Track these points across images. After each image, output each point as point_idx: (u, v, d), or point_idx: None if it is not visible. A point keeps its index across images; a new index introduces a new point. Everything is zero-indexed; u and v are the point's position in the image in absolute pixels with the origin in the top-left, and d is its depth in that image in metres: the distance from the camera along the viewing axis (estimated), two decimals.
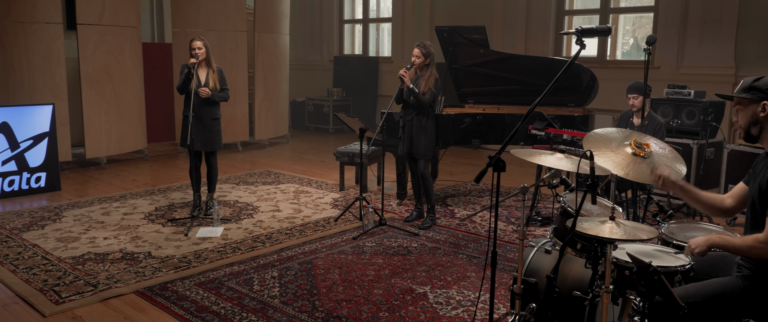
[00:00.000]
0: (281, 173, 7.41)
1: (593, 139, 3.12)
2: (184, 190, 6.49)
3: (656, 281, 1.97)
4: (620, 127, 5.06)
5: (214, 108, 5.40)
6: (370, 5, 11.30)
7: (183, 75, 5.23)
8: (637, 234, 2.30)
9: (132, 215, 5.49)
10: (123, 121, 7.79)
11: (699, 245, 2.36)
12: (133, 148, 8.06)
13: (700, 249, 2.35)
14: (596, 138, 3.11)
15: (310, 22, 11.94)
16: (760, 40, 7.11)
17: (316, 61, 12.03)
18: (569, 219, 2.88)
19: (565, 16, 8.76)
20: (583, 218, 2.53)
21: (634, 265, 2.20)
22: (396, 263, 4.33)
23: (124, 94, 7.78)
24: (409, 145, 5.18)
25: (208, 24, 8.52)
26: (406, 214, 5.60)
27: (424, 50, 5.04)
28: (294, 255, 4.47)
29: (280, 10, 9.49)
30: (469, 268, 4.24)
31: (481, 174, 2.36)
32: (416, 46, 5.07)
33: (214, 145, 5.44)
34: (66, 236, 4.87)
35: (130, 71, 7.88)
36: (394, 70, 10.61)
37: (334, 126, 11.07)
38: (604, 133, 3.16)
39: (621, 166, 2.75)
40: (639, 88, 4.85)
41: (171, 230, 5.05)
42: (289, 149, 9.36)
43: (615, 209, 2.40)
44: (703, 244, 2.34)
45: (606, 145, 3.03)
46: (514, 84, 6.50)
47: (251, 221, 5.36)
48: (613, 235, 2.29)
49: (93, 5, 7.28)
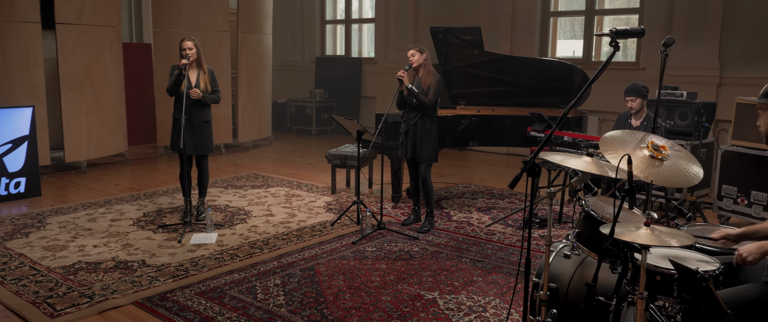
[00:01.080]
0: (269, 176, 7.26)
1: (609, 141, 3.08)
2: (171, 194, 6.31)
3: (704, 287, 1.93)
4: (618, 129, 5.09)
5: (205, 110, 5.25)
6: (353, 5, 11.20)
7: (173, 76, 5.07)
8: (675, 240, 2.26)
9: (120, 222, 5.30)
10: (103, 123, 7.56)
11: (751, 252, 2.31)
12: (114, 151, 7.82)
13: (754, 256, 2.29)
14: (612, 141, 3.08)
15: (292, 22, 11.79)
16: (743, 42, 7.22)
17: (298, 62, 11.88)
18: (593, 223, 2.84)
19: (550, 18, 8.79)
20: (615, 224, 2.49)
21: (677, 271, 2.16)
22: (400, 268, 4.25)
23: (104, 96, 7.55)
24: (412, 149, 5.09)
25: (191, 24, 8.33)
26: (403, 217, 5.52)
27: (418, 48, 4.96)
28: (294, 261, 4.36)
29: (264, 10, 9.33)
30: (474, 272, 4.18)
31: (516, 180, 2.29)
32: (411, 47, 4.98)
33: (206, 149, 5.29)
34: (53, 244, 4.67)
35: (111, 72, 7.65)
36: (378, 70, 10.55)
37: (317, 127, 10.94)
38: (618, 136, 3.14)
39: (639, 169, 2.72)
40: (637, 90, 4.87)
41: (163, 237, 4.88)
42: (272, 152, 9.21)
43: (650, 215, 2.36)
44: (756, 251, 2.29)
45: (622, 147, 3.00)
46: (507, 85, 6.48)
47: (245, 226, 5.22)
48: (649, 241, 2.25)
49: (72, 4, 7.04)
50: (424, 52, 5.02)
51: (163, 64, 8.38)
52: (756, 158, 5.10)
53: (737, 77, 7.25)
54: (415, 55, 4.95)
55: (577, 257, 3.03)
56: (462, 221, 5.43)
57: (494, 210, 5.83)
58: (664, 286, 2.43)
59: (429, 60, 5.06)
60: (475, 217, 5.58)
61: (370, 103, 10.83)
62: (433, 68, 5.06)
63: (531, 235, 2.60)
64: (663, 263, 2.51)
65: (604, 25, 8.56)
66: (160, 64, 8.43)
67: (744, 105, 5.29)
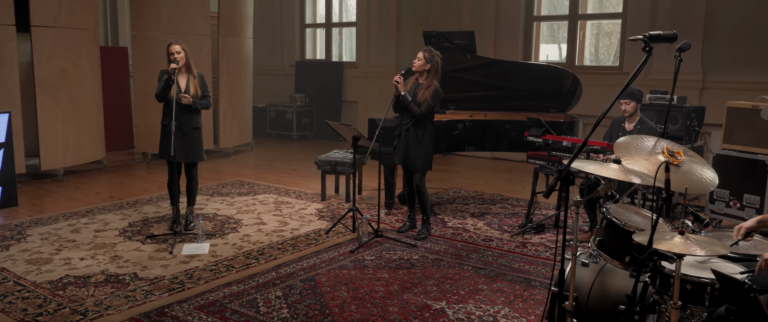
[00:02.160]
0: (255, 183, 7.10)
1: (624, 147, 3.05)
2: (155, 203, 6.11)
3: (752, 298, 1.89)
4: (612, 133, 5.09)
5: (195, 116, 5.09)
6: (333, 9, 11.08)
7: (162, 81, 4.90)
8: (711, 248, 2.22)
9: (105, 232, 5.09)
10: (81, 130, 7.30)
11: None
12: (92, 158, 7.56)
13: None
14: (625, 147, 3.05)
15: (270, 26, 11.61)
16: (725, 47, 7.33)
17: (277, 66, 11.70)
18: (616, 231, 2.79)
19: (533, 22, 8.82)
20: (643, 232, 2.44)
21: (721, 282, 2.11)
22: (402, 277, 4.16)
23: (81, 101, 7.29)
24: (404, 156, 5.00)
25: (170, 27, 8.12)
26: (398, 224, 5.43)
27: (428, 55, 4.83)
28: (293, 272, 4.23)
29: (245, 13, 9.16)
30: (478, 280, 4.11)
31: (551, 189, 2.22)
32: (423, 50, 4.85)
33: (196, 156, 5.12)
34: (36, 257, 4.45)
35: (88, 77, 7.39)
36: (360, 75, 10.46)
37: (298, 133, 10.78)
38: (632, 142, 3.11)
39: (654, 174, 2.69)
40: (631, 93, 4.86)
41: (152, 248, 4.70)
42: (254, 157, 9.03)
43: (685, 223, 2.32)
44: None
45: (637, 153, 2.97)
46: (496, 90, 6.46)
47: (237, 235, 5.07)
48: (684, 250, 2.20)
49: (48, 6, 6.78)
50: (431, 61, 4.79)
51: (142, 68, 8.16)
52: (748, 162, 5.15)
53: (720, 81, 7.36)
54: (419, 60, 4.82)
55: (596, 265, 2.98)
56: (458, 228, 5.37)
57: (488, 216, 5.78)
58: (695, 295, 2.39)
59: (437, 69, 4.84)
60: (470, 223, 5.52)
61: (352, 108, 10.72)
62: (436, 83, 4.82)
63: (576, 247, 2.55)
64: (691, 270, 2.47)
65: (586, 29, 8.62)
66: (138, 68, 8.20)
67: (735, 109, 5.35)
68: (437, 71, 4.88)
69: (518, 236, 5.12)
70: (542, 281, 4.10)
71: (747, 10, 7.13)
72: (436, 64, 4.87)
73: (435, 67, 4.86)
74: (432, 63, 4.85)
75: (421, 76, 4.90)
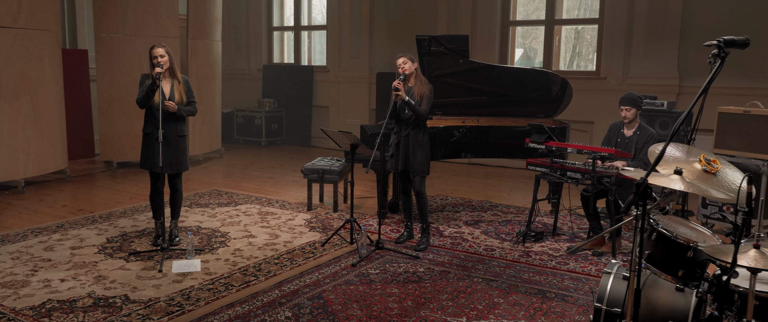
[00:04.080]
0: (233, 193, 6.78)
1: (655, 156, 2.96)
2: (130, 216, 5.73)
3: None
4: (610, 139, 5.05)
5: (180, 124, 4.77)
6: (302, 12, 10.81)
7: (145, 87, 4.58)
8: None
9: (82, 249, 4.72)
10: (43, 138, 6.81)
11: None
12: (54, 168, 7.07)
13: None
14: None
15: (236, 28, 11.23)
16: (701, 51, 7.45)
17: (243, 70, 11.33)
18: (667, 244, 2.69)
19: (509, 27, 8.79)
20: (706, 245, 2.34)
21: None
22: (413, 291, 3.97)
23: (43, 108, 6.81)
24: (404, 162, 4.84)
25: (137, 29, 7.71)
26: (392, 234, 5.24)
27: (410, 55, 4.75)
28: (298, 289, 3.98)
29: (214, 15, 8.81)
30: (492, 293, 3.97)
31: (629, 204, 2.08)
32: (401, 55, 4.75)
33: (182, 167, 4.81)
34: (10, 280, 4.06)
35: (50, 81, 6.92)
36: (330, 79, 10.22)
37: (267, 139, 10.45)
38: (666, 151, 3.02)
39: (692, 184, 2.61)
40: (632, 99, 4.83)
41: (139, 266, 4.36)
42: (225, 165, 8.67)
43: (760, 237, 2.22)
44: None
45: (675, 162, 2.89)
46: (483, 95, 6.35)
47: (227, 250, 4.78)
48: (763, 264, 2.10)
49: (7, 5, 6.30)
50: (415, 60, 4.79)
51: (107, 72, 7.72)
52: (741, 167, 5.19)
53: (696, 86, 7.47)
54: (406, 64, 4.71)
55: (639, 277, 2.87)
56: (455, 237, 5.22)
57: (482, 223, 5.66)
58: (763, 310, 2.31)
59: (419, 69, 4.85)
60: (467, 231, 5.39)
61: (323, 113, 10.47)
62: (425, 78, 4.85)
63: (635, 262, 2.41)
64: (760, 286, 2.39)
65: (562, 33, 8.65)
66: (103, 72, 7.74)
67: (726, 114, 5.39)
68: (418, 67, 4.85)
69: (519, 244, 5.02)
70: (557, 293, 3.99)
71: (722, 16, 7.27)
72: (417, 63, 4.85)
73: (418, 65, 4.84)
74: (416, 62, 4.81)
75: (409, 79, 4.80)
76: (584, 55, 8.76)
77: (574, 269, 4.43)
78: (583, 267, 4.48)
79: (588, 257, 4.73)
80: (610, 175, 4.46)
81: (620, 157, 4.54)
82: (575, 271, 4.40)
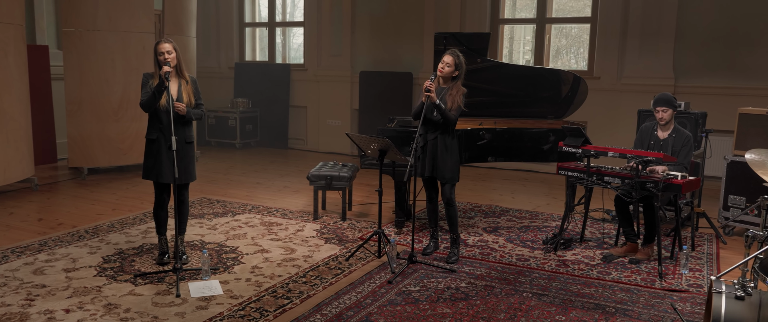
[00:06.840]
0: (226, 201, 6.28)
1: (758, 164, 2.76)
2: (119, 230, 5.18)
3: None
4: (643, 141, 4.87)
5: (187, 129, 4.29)
6: (277, 7, 10.30)
7: (152, 88, 4.08)
8: None
9: (78, 272, 4.17)
10: (8, 143, 6.12)
11: None
12: (21, 176, 6.38)
13: None
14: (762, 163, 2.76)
15: (206, 25, 10.59)
16: (696, 51, 7.46)
17: (213, 68, 10.71)
18: None
19: (499, 25, 8.59)
20: None
21: None
22: (466, 310, 3.66)
23: (8, 110, 6.12)
24: (431, 167, 4.52)
25: (109, 24, 7.08)
26: (415, 245, 4.91)
27: (457, 60, 4.41)
28: (340, 312, 3.60)
29: (189, 10, 8.22)
30: (549, 310, 3.70)
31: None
32: (448, 54, 4.43)
33: (189, 176, 4.32)
34: (4, 312, 3.50)
35: (15, 80, 6.23)
36: (309, 78, 9.78)
37: (242, 140, 9.90)
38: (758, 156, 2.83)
39: None
40: (668, 100, 4.66)
41: (151, 290, 3.87)
42: (203, 169, 8.10)
43: None
44: None
45: None
46: (491, 95, 6.09)
47: (244, 267, 4.33)
48: None
49: None
50: (459, 66, 4.43)
51: (76, 70, 7.06)
52: None
53: (691, 86, 7.47)
54: (449, 66, 4.39)
55: (752, 299, 2.65)
56: (482, 245, 4.94)
57: (501, 230, 5.40)
58: None
59: (462, 73, 4.47)
60: (490, 239, 5.11)
61: (301, 113, 10.00)
62: (463, 88, 4.47)
63: None
64: None
65: (552, 33, 8.52)
66: (71, 70, 7.08)
67: (747, 115, 5.32)
68: (462, 76, 4.50)
69: (550, 252, 4.78)
70: (616, 307, 3.76)
71: (717, 17, 7.29)
72: (462, 69, 4.50)
73: (461, 72, 4.49)
74: (460, 69, 4.47)
75: (445, 81, 4.48)
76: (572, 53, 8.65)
77: (619, 279, 4.22)
78: (626, 276, 4.28)
79: (625, 264, 4.54)
80: (655, 180, 4.26)
81: (668, 161, 4.35)
82: (621, 281, 4.19)
